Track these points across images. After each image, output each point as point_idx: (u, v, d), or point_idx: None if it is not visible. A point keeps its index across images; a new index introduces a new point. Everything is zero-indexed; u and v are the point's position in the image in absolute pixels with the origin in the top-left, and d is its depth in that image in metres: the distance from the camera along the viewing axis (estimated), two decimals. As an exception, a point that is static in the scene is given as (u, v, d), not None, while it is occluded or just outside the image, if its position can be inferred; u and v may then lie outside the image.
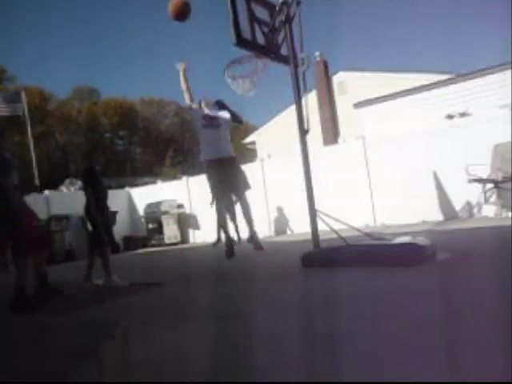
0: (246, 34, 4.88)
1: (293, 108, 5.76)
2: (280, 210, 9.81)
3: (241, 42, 4.82)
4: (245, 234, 7.98)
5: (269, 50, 5.21)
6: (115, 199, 11.60)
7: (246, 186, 5.05)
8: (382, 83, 14.01)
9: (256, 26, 5.05)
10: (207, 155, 4.97)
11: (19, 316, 3.62)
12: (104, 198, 5.26)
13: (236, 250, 5.05)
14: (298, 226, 9.33)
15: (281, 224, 9.84)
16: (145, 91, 48.26)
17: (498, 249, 4.06)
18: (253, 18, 5.01)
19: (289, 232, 9.70)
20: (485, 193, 7.30)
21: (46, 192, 11.51)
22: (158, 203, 11.31)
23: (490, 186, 7.22)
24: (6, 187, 3.92)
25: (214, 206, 5.30)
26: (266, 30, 5.16)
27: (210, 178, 4.95)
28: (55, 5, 51.29)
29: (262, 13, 5.19)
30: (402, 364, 1.73)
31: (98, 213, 5.11)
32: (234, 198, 5.31)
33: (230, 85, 5.56)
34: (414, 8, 50.42)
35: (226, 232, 5.31)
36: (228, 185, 4.93)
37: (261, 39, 5.11)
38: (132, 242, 11.80)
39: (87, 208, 5.18)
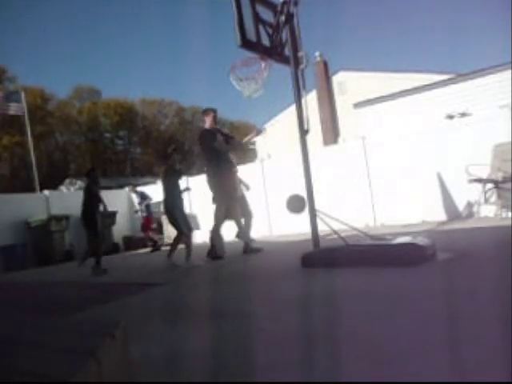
0: (251, 35, 4.89)
1: (293, 108, 5.77)
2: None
3: (245, 43, 4.82)
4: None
5: (273, 51, 5.21)
6: (115, 199, 11.67)
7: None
8: (382, 83, 14.03)
9: (260, 28, 5.07)
10: None
11: (19, 315, 3.62)
12: (180, 192, 6.26)
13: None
14: (298, 226, 9.33)
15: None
16: (145, 91, 48.34)
17: (498, 249, 4.06)
18: (257, 20, 5.02)
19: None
20: (485, 193, 7.30)
21: (46, 192, 11.50)
22: (158, 203, 11.29)
23: (489, 186, 7.22)
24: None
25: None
26: (269, 31, 5.18)
27: None
28: (56, 5, 51.35)
29: (265, 14, 5.21)
30: (401, 364, 1.73)
31: (180, 205, 6.15)
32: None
33: (235, 86, 5.58)
34: (414, 8, 50.46)
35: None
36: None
37: (265, 40, 5.12)
38: (132, 242, 11.81)
39: (167, 202, 6.10)
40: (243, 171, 9.09)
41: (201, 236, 11.25)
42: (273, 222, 9.91)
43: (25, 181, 22.99)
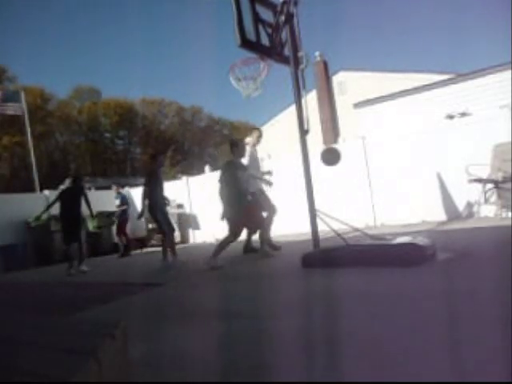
0: (251, 35, 4.90)
1: (293, 108, 5.77)
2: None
3: (245, 43, 4.83)
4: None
5: (272, 51, 5.21)
6: (115, 199, 11.65)
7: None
8: (382, 83, 14.02)
9: (260, 28, 5.08)
10: None
11: (20, 315, 3.62)
12: (162, 194, 6.54)
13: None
14: (298, 226, 9.34)
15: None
16: (145, 91, 48.34)
17: (498, 249, 4.06)
18: (257, 20, 5.03)
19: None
20: (485, 193, 7.30)
21: (46, 192, 11.49)
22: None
23: (489, 186, 7.22)
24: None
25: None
26: (269, 31, 5.18)
27: None
28: (56, 5, 51.34)
29: (265, 14, 5.21)
30: (401, 364, 1.73)
31: (161, 206, 6.39)
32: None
33: (234, 86, 5.59)
34: (414, 8, 50.46)
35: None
36: None
37: (265, 40, 5.13)
38: (131, 242, 11.80)
39: (150, 204, 6.27)
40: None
41: (201, 236, 11.27)
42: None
43: (25, 181, 22.98)
